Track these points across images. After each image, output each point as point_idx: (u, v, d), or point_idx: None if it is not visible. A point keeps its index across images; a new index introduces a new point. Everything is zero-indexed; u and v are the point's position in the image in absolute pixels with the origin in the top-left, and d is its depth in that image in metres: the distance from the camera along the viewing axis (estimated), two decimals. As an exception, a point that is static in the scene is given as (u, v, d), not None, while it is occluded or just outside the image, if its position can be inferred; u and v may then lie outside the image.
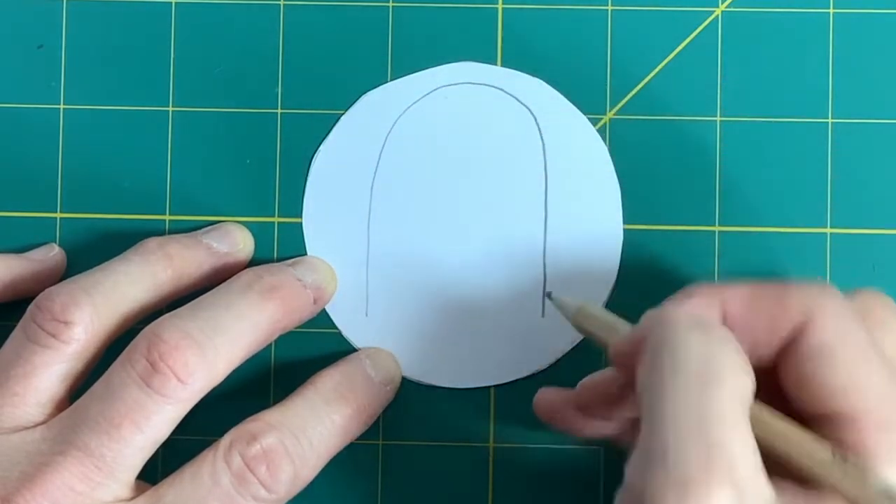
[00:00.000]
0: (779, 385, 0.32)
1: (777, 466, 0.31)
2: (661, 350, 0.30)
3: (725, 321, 0.32)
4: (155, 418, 0.34)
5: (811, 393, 0.31)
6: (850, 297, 0.33)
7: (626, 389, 0.33)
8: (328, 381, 0.37)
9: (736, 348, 0.31)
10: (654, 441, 0.29)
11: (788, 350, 0.32)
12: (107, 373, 0.34)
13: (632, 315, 0.39)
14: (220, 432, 0.35)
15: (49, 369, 0.35)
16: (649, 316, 0.32)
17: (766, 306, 0.32)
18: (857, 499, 0.30)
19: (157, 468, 0.35)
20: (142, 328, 0.35)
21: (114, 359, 0.35)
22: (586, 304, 0.36)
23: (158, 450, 0.34)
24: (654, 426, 0.29)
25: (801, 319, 0.32)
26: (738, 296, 0.32)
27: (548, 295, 0.39)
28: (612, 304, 0.40)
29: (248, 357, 0.36)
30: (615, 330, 0.35)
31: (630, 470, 0.29)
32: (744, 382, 0.30)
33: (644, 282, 0.40)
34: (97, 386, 0.34)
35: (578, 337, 0.39)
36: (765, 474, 0.29)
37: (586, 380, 0.36)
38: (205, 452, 0.35)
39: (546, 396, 0.37)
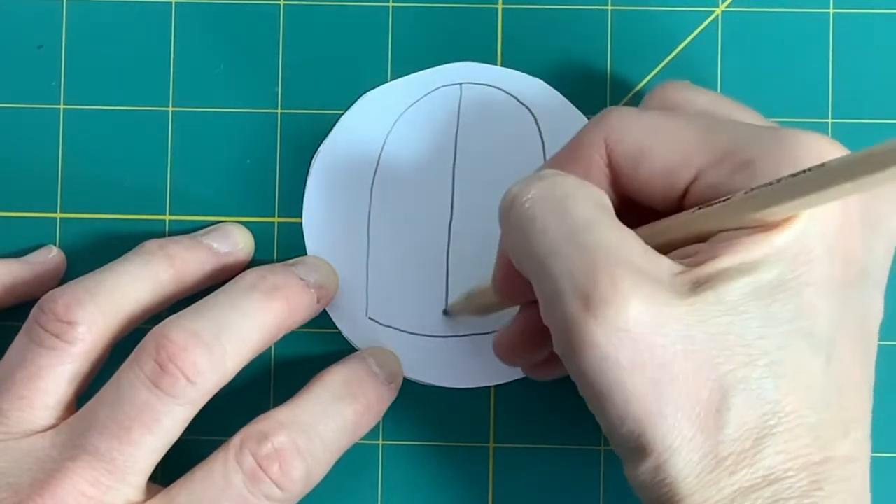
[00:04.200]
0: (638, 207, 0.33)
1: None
2: (513, 217, 0.31)
3: None
4: (165, 420, 0.34)
5: (653, 188, 0.32)
6: (648, 96, 0.36)
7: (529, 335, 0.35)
8: (337, 378, 0.37)
9: (573, 177, 0.31)
10: (542, 281, 0.30)
11: (618, 175, 0.33)
12: (115, 375, 0.34)
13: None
14: (221, 432, 0.35)
15: (54, 371, 0.35)
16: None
17: (574, 159, 0.33)
18: (741, 221, 0.30)
19: (157, 468, 0.35)
20: (148, 329, 0.35)
21: (119, 363, 0.34)
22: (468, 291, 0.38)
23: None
24: (537, 270, 0.30)
25: (601, 153, 0.33)
26: (556, 162, 0.34)
27: (444, 312, 0.40)
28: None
29: (254, 357, 0.36)
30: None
31: (543, 316, 0.30)
32: (592, 192, 0.31)
33: (644, 282, 0.40)
34: (106, 389, 0.34)
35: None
36: (653, 251, 0.30)
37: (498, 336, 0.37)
38: (215, 453, 0.34)
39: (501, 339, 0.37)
